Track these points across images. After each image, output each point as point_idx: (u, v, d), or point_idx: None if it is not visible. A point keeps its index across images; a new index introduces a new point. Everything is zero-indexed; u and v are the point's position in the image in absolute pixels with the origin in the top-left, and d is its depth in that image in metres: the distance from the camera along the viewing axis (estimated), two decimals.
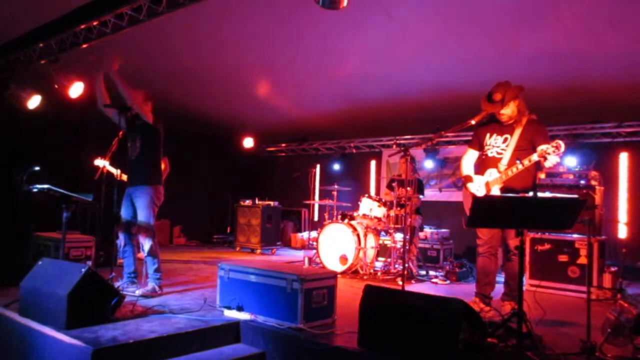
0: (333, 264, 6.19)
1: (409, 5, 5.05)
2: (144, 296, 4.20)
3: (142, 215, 4.36)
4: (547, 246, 5.43)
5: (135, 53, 6.17)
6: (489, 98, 3.97)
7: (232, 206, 9.04)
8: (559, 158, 3.59)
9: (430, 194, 8.55)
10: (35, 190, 3.79)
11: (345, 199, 7.92)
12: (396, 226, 6.35)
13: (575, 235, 5.29)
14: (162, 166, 6.70)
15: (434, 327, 2.70)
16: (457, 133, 8.10)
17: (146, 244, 4.36)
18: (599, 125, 7.07)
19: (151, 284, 4.34)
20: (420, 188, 6.58)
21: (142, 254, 4.44)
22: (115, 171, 6.34)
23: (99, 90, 4.32)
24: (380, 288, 3.13)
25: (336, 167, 9.83)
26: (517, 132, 3.96)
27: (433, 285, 5.79)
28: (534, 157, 3.69)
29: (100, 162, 5.84)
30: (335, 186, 7.06)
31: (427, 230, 7.25)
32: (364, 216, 6.38)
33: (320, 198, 9.35)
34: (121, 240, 4.46)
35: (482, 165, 4.16)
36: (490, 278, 4.11)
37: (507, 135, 4.01)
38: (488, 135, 4.13)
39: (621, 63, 5.50)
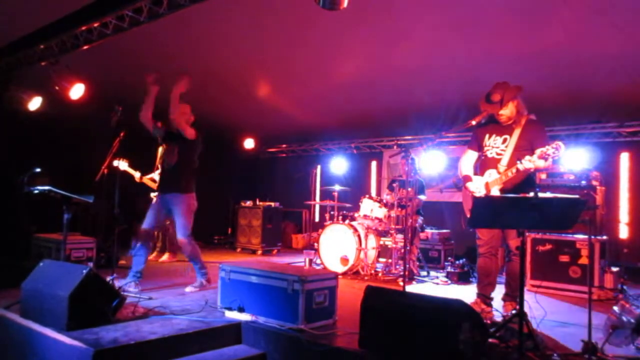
0: (334, 265, 6.19)
1: (408, 6, 5.05)
2: (194, 290, 4.64)
3: (182, 222, 4.62)
4: (548, 246, 5.43)
5: (135, 54, 6.20)
6: (487, 99, 3.95)
7: (233, 207, 9.04)
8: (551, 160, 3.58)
9: (431, 194, 8.54)
10: (36, 191, 3.80)
11: (346, 199, 7.92)
12: (397, 227, 6.35)
13: (576, 236, 5.28)
14: None
15: (435, 328, 2.70)
16: (457, 134, 8.11)
17: (187, 248, 4.67)
18: (600, 125, 7.08)
19: (199, 280, 4.78)
20: (421, 189, 6.58)
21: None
22: (135, 173, 6.43)
23: (150, 103, 4.63)
24: (381, 289, 3.13)
25: (337, 168, 9.82)
26: (517, 132, 3.94)
27: (434, 285, 5.78)
28: (535, 158, 3.65)
29: (122, 165, 5.94)
30: (336, 187, 7.06)
31: (428, 231, 7.24)
32: (365, 217, 6.38)
33: (321, 199, 9.35)
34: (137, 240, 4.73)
35: (481, 166, 4.14)
36: (491, 278, 4.10)
37: (507, 136, 3.99)
38: (487, 135, 4.11)
39: (621, 63, 5.50)
